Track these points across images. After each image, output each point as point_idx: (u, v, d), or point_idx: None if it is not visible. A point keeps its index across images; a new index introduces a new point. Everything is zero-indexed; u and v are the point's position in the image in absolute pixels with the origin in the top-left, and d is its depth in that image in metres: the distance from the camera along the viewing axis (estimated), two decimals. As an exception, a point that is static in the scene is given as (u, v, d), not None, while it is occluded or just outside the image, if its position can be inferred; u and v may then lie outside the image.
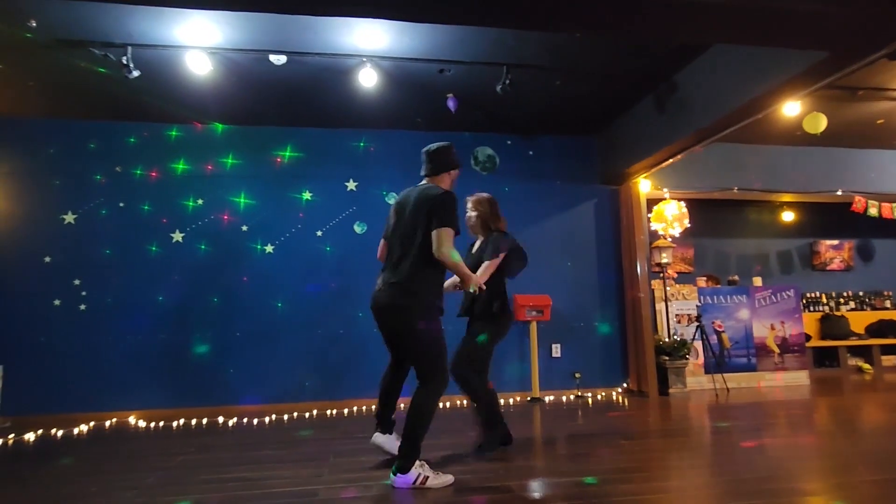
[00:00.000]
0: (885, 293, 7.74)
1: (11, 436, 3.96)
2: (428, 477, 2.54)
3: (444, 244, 2.56)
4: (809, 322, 7.10)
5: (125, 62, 3.77)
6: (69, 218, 4.85)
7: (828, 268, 7.64)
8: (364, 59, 4.04)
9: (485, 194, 3.44)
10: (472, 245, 3.49)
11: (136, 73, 3.83)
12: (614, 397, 5.27)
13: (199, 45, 3.81)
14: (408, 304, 2.58)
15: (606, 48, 4.02)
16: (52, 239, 4.79)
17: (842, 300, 7.66)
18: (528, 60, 4.12)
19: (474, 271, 3.13)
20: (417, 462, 2.56)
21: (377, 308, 2.72)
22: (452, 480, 2.60)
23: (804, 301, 7.41)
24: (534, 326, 5.24)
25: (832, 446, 3.30)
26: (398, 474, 2.53)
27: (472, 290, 2.82)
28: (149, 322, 4.82)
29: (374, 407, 3.07)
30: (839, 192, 6.26)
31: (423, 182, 2.84)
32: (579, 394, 5.33)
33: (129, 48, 3.76)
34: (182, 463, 3.15)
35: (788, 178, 6.15)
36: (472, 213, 3.39)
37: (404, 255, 2.65)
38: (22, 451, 3.60)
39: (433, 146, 2.86)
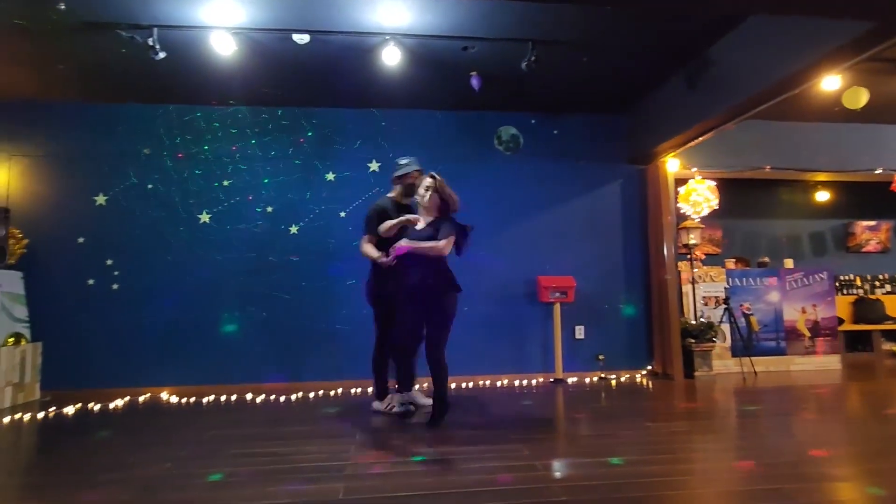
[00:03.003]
0: (924, 276, 7.47)
1: (52, 409, 4.12)
2: (394, 406, 3.77)
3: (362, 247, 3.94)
4: (842, 305, 6.90)
5: (151, 44, 3.80)
6: (100, 200, 4.96)
7: (863, 250, 7.39)
8: (387, 38, 3.99)
9: None
10: None
11: (162, 55, 3.86)
12: (638, 380, 5.23)
13: (223, 26, 3.80)
14: None
15: (636, 23, 3.89)
16: (85, 220, 4.91)
17: (877, 283, 7.42)
18: (554, 36, 4.02)
19: None
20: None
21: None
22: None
23: (837, 284, 7.20)
24: (557, 308, 5.20)
25: (864, 431, 3.23)
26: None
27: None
28: (179, 301, 4.93)
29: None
30: (878, 171, 6.00)
31: None
32: (603, 376, 5.30)
33: (155, 30, 3.78)
34: (213, 437, 3.24)
35: (824, 157, 5.92)
36: None
37: None
38: (62, 423, 3.75)
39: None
